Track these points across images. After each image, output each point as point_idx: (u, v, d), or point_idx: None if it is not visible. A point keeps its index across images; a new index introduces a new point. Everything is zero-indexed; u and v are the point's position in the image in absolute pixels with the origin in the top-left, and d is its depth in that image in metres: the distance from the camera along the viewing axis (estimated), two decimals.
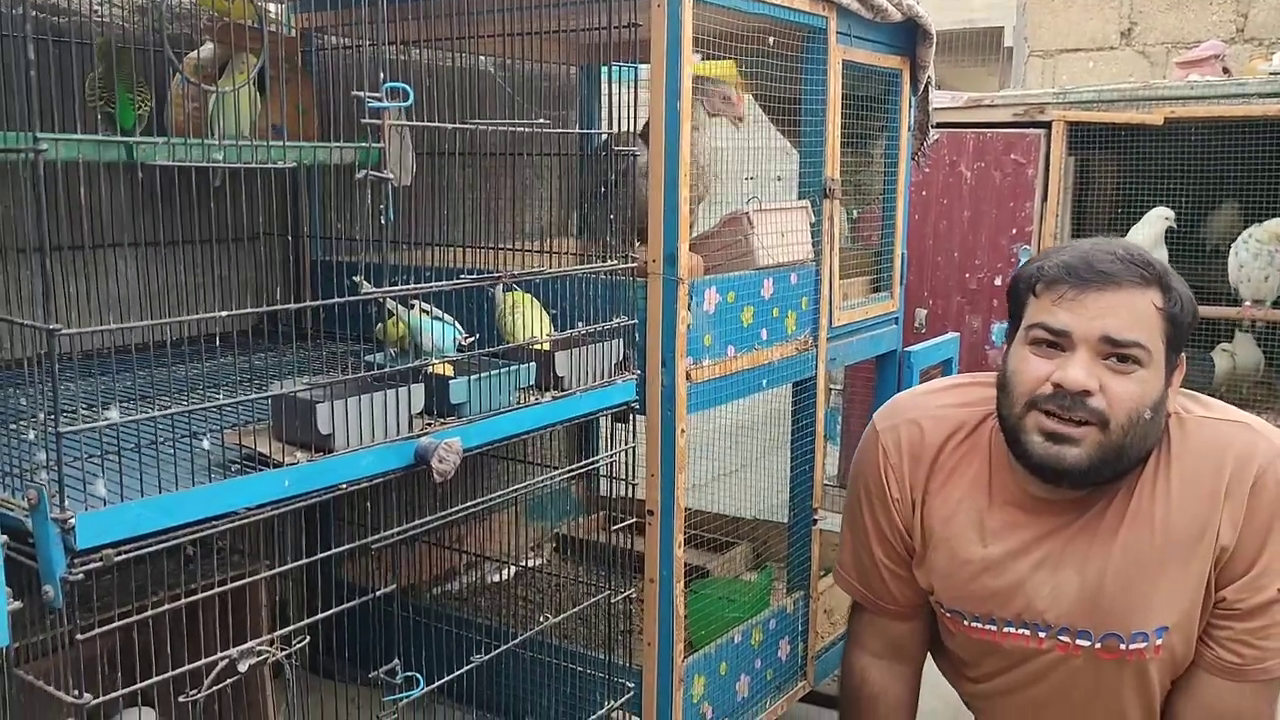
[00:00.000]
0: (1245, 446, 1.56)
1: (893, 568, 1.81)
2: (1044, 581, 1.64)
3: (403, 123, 1.48)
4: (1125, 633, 1.60)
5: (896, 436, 1.77)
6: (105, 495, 1.21)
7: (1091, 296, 1.52)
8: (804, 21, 2.21)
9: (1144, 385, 1.52)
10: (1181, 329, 1.55)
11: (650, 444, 2.00)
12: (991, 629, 1.70)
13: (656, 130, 1.90)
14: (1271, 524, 1.54)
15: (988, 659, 1.76)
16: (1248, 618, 1.56)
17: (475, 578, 2.63)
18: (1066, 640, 1.64)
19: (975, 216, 4.01)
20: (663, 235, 1.92)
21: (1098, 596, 1.61)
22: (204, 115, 1.54)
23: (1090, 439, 1.52)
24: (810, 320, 2.34)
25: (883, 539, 1.81)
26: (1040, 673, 1.70)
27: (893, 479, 1.77)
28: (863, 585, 1.87)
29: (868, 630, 1.91)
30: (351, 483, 1.44)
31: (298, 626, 1.44)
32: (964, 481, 1.72)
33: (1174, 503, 1.58)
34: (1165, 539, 1.58)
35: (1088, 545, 1.62)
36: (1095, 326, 1.51)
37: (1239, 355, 3.84)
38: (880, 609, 1.87)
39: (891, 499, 1.77)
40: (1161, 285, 1.54)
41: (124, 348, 1.79)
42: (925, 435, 1.75)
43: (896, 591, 1.83)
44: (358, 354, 1.65)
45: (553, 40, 2.45)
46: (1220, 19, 5.15)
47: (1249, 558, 1.55)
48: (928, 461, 1.74)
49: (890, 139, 2.67)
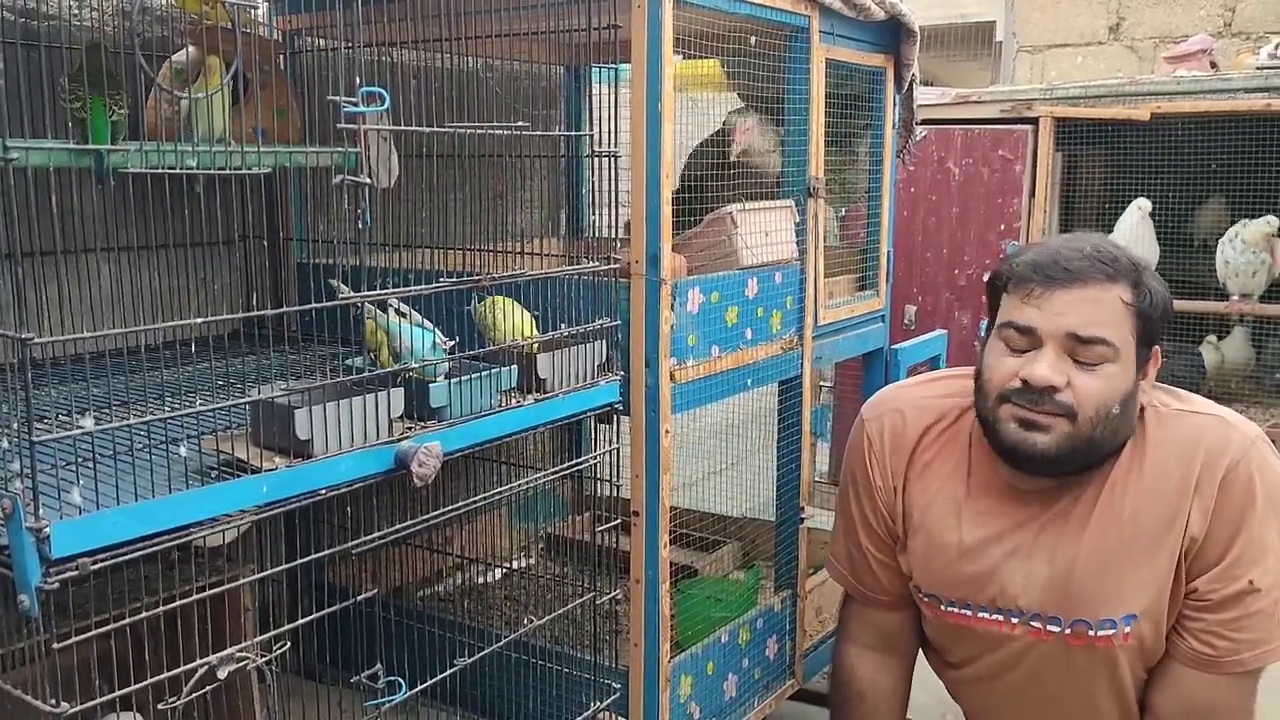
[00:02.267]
0: (1217, 439, 1.58)
1: (880, 557, 1.85)
2: (1017, 568, 1.67)
3: (378, 127, 1.48)
4: (1093, 619, 1.63)
5: (880, 425, 1.82)
6: (81, 503, 1.20)
7: (1057, 294, 1.54)
8: (786, 21, 2.21)
9: (1111, 380, 1.55)
10: (1152, 324, 1.57)
11: (635, 445, 2.00)
12: (966, 614, 1.73)
13: (638, 131, 1.90)
14: (1243, 515, 1.56)
15: (963, 644, 1.79)
16: (1220, 609, 1.58)
17: (463, 580, 2.63)
18: (1038, 626, 1.67)
19: (964, 213, 4.01)
20: (645, 236, 1.92)
21: (1067, 583, 1.63)
22: (178, 120, 1.53)
23: (1059, 428, 1.56)
24: (795, 319, 2.34)
25: (869, 528, 1.84)
26: (1014, 658, 1.72)
27: (876, 467, 1.81)
28: (853, 576, 1.91)
29: (858, 622, 1.94)
30: (331, 488, 1.44)
31: (278, 632, 1.43)
32: (943, 470, 1.76)
33: (1145, 493, 1.60)
34: (1134, 528, 1.60)
35: (1059, 533, 1.65)
36: (1061, 323, 1.54)
37: (1227, 350, 3.85)
38: (870, 599, 1.90)
39: (875, 487, 1.82)
40: (1130, 280, 1.56)
41: (103, 353, 1.79)
42: (907, 424, 1.79)
43: (885, 580, 1.86)
44: (337, 358, 1.65)
45: (535, 41, 2.45)
46: (1208, 13, 5.15)
47: (1220, 548, 1.57)
48: (908, 449, 1.78)
49: (875, 137, 2.67)
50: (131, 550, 1.21)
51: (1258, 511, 1.55)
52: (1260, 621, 1.57)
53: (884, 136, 2.66)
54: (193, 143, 1.37)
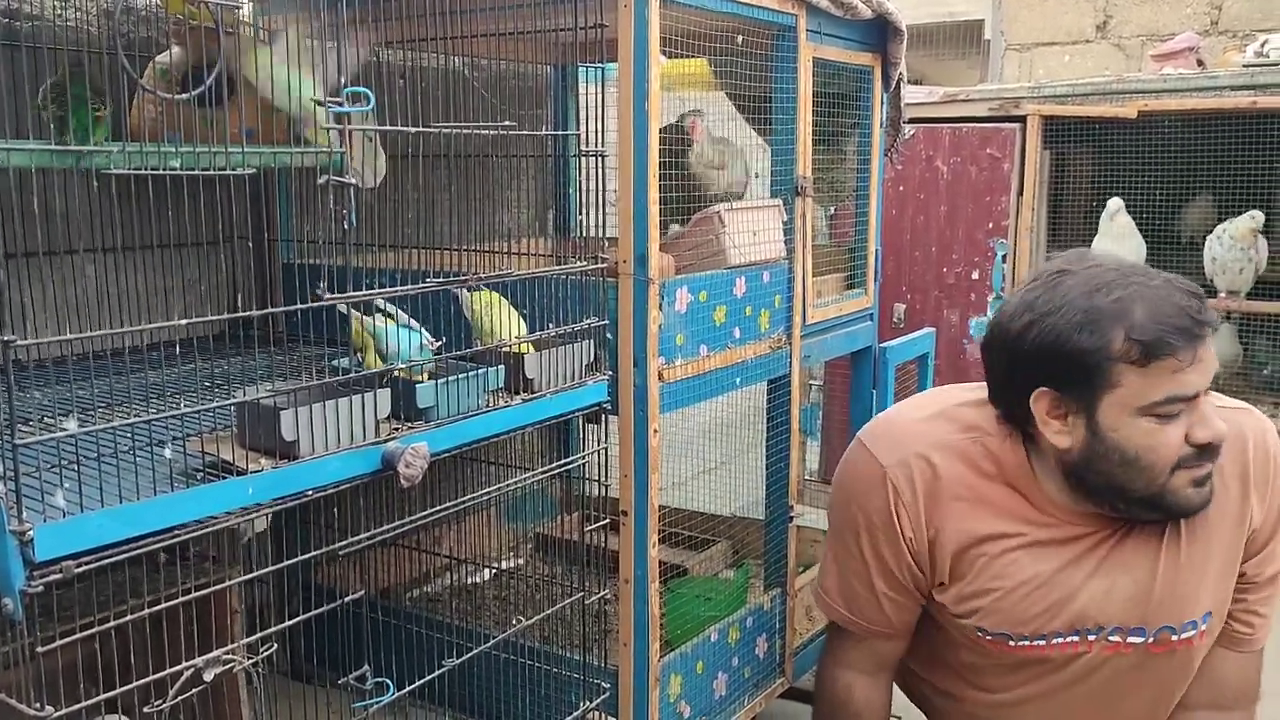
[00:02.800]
0: (1256, 430, 1.64)
1: (895, 597, 1.76)
2: (1096, 587, 1.62)
3: (363, 127, 1.48)
4: (1178, 624, 1.63)
5: (909, 473, 1.69)
6: (65, 506, 1.20)
7: (1204, 351, 1.48)
8: (773, 20, 2.21)
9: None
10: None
11: (623, 445, 2.00)
12: (1040, 644, 1.67)
13: (625, 130, 1.90)
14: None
15: (1020, 672, 1.72)
16: (1260, 588, 1.65)
17: (453, 580, 2.63)
18: (1117, 640, 1.64)
19: (952, 211, 4.02)
20: (633, 235, 1.92)
21: (1150, 593, 1.62)
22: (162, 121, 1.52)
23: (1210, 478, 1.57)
24: (783, 318, 2.34)
25: (888, 573, 1.74)
26: (1078, 676, 1.69)
27: (905, 518, 1.70)
28: (852, 613, 1.81)
29: (854, 650, 1.86)
30: (318, 489, 1.44)
31: (265, 634, 1.43)
32: (989, 511, 1.67)
33: (1215, 494, 1.60)
34: (1207, 528, 1.62)
35: (1135, 545, 1.62)
36: (1209, 374, 1.50)
37: (1216, 346, 3.86)
38: (869, 632, 1.82)
39: (904, 538, 1.71)
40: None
41: (89, 354, 1.78)
42: (938, 470, 1.68)
43: (894, 617, 1.78)
44: (324, 359, 1.64)
45: (522, 41, 2.44)
46: (1194, 11, 5.17)
47: (1268, 533, 1.64)
48: (943, 498, 1.68)
49: (862, 136, 2.68)
50: (117, 553, 1.21)
51: None
52: (1278, 598, 1.67)
53: (872, 135, 2.66)
54: (176, 143, 1.36)
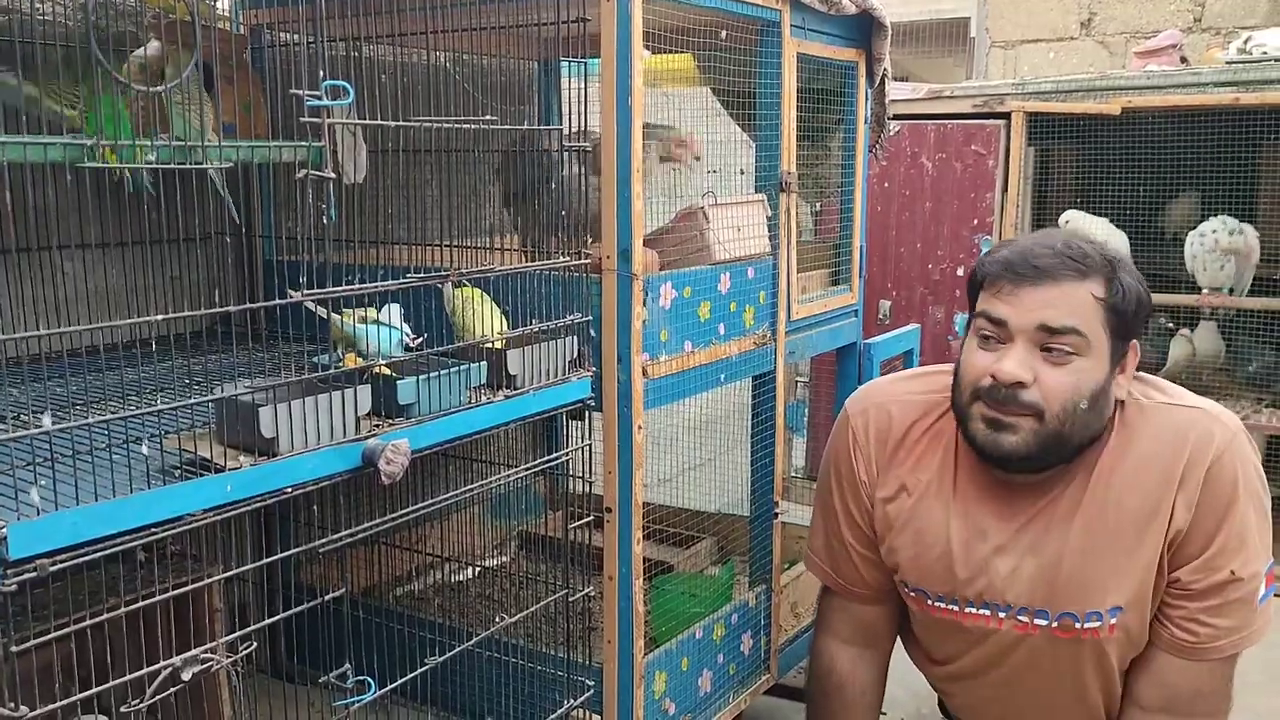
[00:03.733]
0: (1202, 432, 1.60)
1: (862, 550, 1.86)
2: (1004, 563, 1.68)
3: (342, 121, 1.46)
4: (1080, 613, 1.64)
5: (866, 420, 1.83)
6: (40, 504, 1.18)
7: (1027, 290, 1.57)
8: (757, 15, 2.20)
9: (1080, 375, 1.56)
10: (1125, 318, 1.59)
11: (607, 441, 1.99)
12: (953, 609, 1.74)
13: (608, 125, 1.89)
14: (1227, 508, 1.58)
15: (950, 639, 1.80)
16: (1202, 597, 1.60)
17: (436, 578, 2.61)
18: (1025, 620, 1.68)
19: (937, 208, 4.02)
20: (616, 231, 1.91)
21: (1054, 578, 1.65)
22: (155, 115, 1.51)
23: (1026, 427, 1.58)
24: (768, 314, 2.34)
25: (852, 522, 1.85)
26: (1001, 653, 1.73)
27: (861, 462, 1.82)
28: (833, 569, 1.92)
29: (837, 615, 1.94)
30: (297, 486, 1.42)
31: (244, 632, 1.42)
32: (930, 465, 1.77)
33: (1129, 486, 1.62)
34: (1119, 521, 1.62)
35: (1046, 527, 1.66)
36: (1031, 318, 1.56)
37: (1199, 342, 3.87)
38: (850, 593, 1.91)
39: (860, 481, 1.82)
40: (1103, 276, 1.58)
41: (71, 351, 1.76)
42: (893, 420, 1.81)
43: (866, 574, 1.86)
44: (304, 355, 1.63)
45: (505, 35, 2.43)
46: (1178, 9, 5.19)
47: (1203, 540, 1.59)
48: (894, 445, 1.80)
49: (847, 132, 2.67)
50: (92, 551, 1.20)
51: (1239, 505, 1.58)
52: (1239, 609, 1.60)
53: (856, 131, 2.66)
54: (152, 139, 1.35)
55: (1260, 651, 1.73)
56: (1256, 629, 1.62)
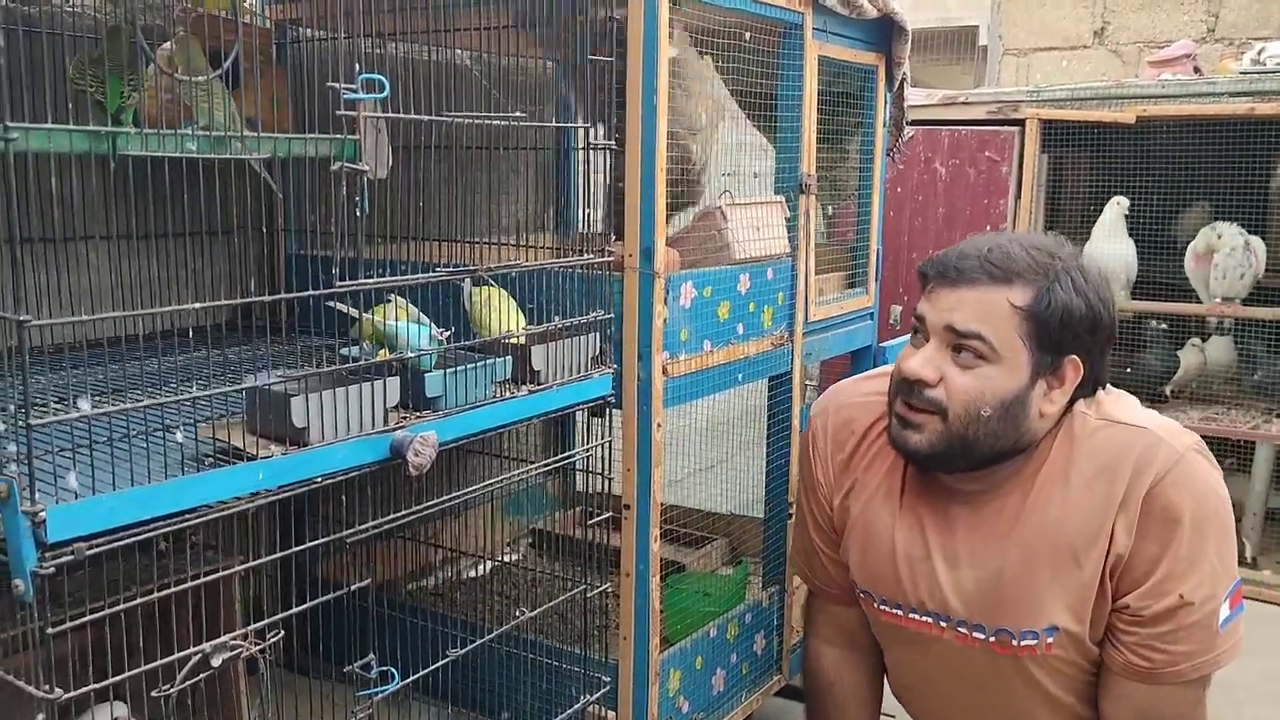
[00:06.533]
0: (1144, 453, 1.55)
1: (829, 552, 1.87)
2: (944, 573, 1.67)
3: (378, 114, 1.48)
4: (1016, 630, 1.62)
5: (825, 422, 1.85)
6: (77, 488, 1.20)
7: (945, 290, 1.58)
8: (780, 17, 2.22)
9: (985, 381, 1.55)
10: (1050, 330, 1.53)
11: (627, 438, 2.00)
12: (898, 613, 1.75)
13: (633, 124, 1.90)
14: (1169, 532, 1.53)
15: (899, 644, 1.81)
16: (1152, 623, 1.56)
17: (451, 573, 2.62)
18: (965, 632, 1.68)
19: (950, 213, 4.03)
20: (639, 229, 1.92)
21: (991, 592, 1.63)
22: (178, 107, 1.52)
23: (931, 426, 1.59)
24: (786, 315, 2.35)
25: (817, 525, 1.88)
26: (945, 662, 1.73)
27: (819, 465, 1.84)
28: (809, 571, 1.95)
29: (819, 617, 1.97)
30: (326, 476, 1.44)
31: (271, 621, 1.43)
32: (882, 468, 1.77)
33: (1070, 505, 1.58)
34: (1058, 540, 1.58)
35: (986, 540, 1.65)
36: (942, 318, 1.57)
37: (1210, 352, 3.88)
38: (826, 594, 1.93)
39: (818, 483, 1.84)
40: (1030, 285, 1.53)
41: (96, 341, 1.77)
42: (851, 422, 1.82)
43: (836, 576, 1.88)
44: (333, 347, 1.64)
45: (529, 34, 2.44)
46: (1191, 19, 5.20)
47: (1146, 566, 1.54)
48: (850, 447, 1.80)
49: (866, 135, 2.68)
50: (127, 536, 1.21)
51: (1184, 527, 1.52)
52: (1195, 633, 1.55)
53: (875, 135, 2.67)
54: (193, 129, 1.36)
55: (1259, 661, 1.68)
56: (1223, 651, 1.57)
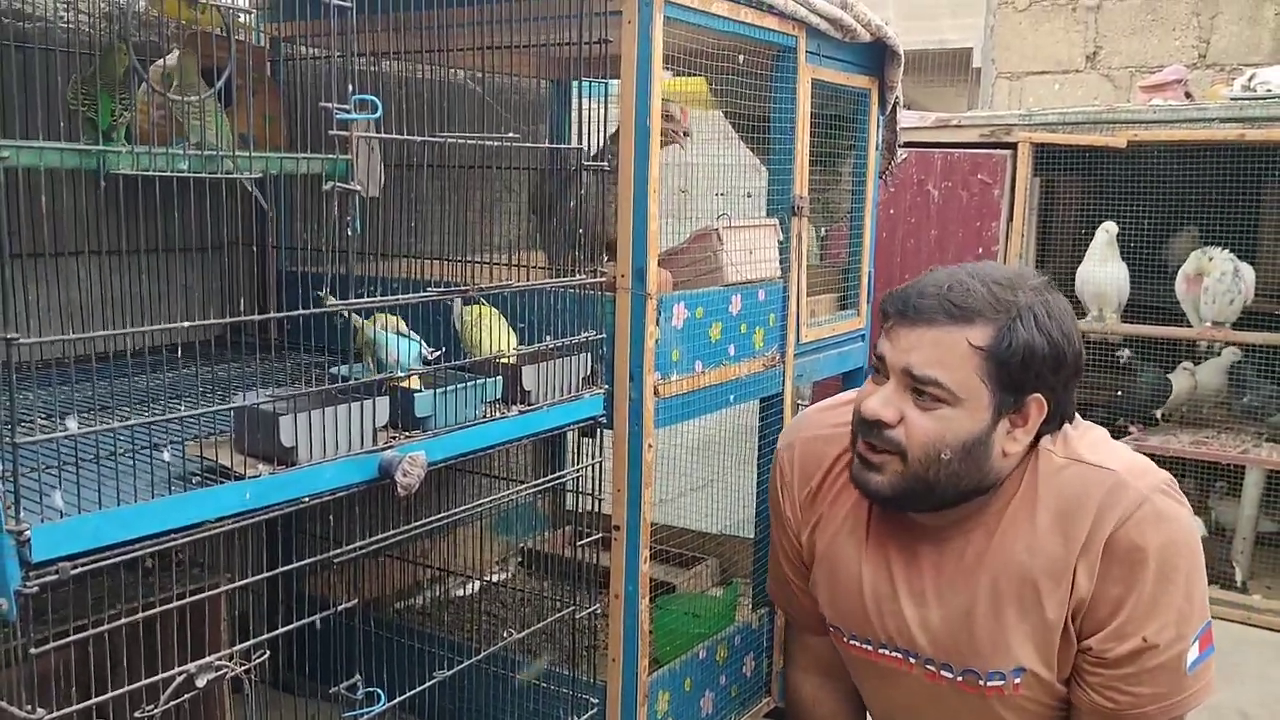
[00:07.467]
0: (1107, 496, 1.52)
1: (799, 583, 1.85)
2: (911, 610, 1.65)
3: (370, 134, 1.48)
4: (982, 671, 1.61)
5: (792, 455, 1.80)
6: (63, 507, 1.19)
7: (904, 330, 1.52)
8: (774, 40, 2.23)
9: (945, 423, 1.50)
10: (1011, 370, 1.49)
11: (617, 459, 2.00)
12: (867, 648, 1.72)
13: (626, 146, 1.91)
14: (1131, 576, 1.51)
15: (870, 678, 1.78)
16: (1116, 665, 1.54)
17: (439, 592, 2.61)
18: (933, 669, 1.66)
19: (942, 235, 4.04)
20: (631, 250, 1.92)
21: (958, 632, 1.61)
22: (170, 124, 1.52)
23: (891, 467, 1.54)
24: (778, 337, 2.35)
25: (787, 557, 1.85)
26: (915, 698, 1.71)
27: (786, 497, 1.80)
28: (784, 601, 1.93)
29: (795, 646, 1.97)
30: (314, 496, 1.43)
31: (257, 641, 1.42)
32: (848, 503, 1.73)
33: (1034, 546, 1.56)
34: (1023, 583, 1.56)
35: (951, 580, 1.62)
36: (900, 359, 1.52)
37: (1201, 376, 3.89)
38: (799, 624, 1.92)
39: (785, 517, 1.80)
40: (991, 324, 1.49)
41: (84, 357, 1.76)
42: (818, 455, 1.76)
43: (809, 607, 1.85)
44: (322, 366, 1.64)
45: (524, 55, 2.45)
46: (1183, 44, 5.23)
47: (1108, 609, 1.52)
48: (817, 480, 1.76)
49: (858, 157, 2.69)
50: (113, 555, 1.20)
51: (1149, 570, 1.50)
52: (1161, 675, 1.53)
53: (867, 157, 2.68)
54: (184, 147, 1.36)
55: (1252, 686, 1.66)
56: (1192, 693, 1.55)
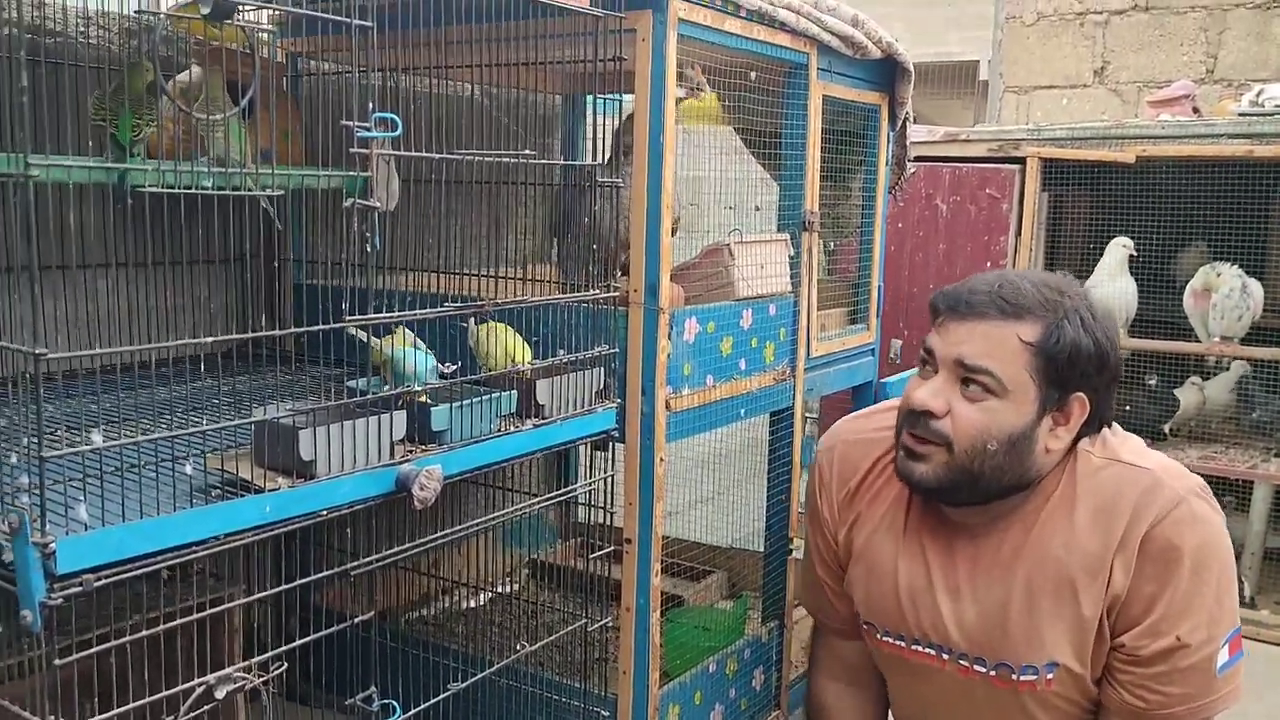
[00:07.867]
0: (1144, 494, 1.55)
1: (834, 586, 1.87)
2: (947, 606, 1.68)
3: (390, 152, 1.50)
4: (1015, 664, 1.63)
5: (831, 458, 1.84)
6: (87, 519, 1.20)
7: (955, 324, 1.58)
8: (786, 57, 2.25)
9: (991, 415, 1.55)
10: (1058, 366, 1.54)
11: (629, 472, 2.01)
12: (900, 644, 1.75)
13: (640, 161, 1.92)
14: (1166, 574, 1.53)
15: (901, 675, 1.81)
16: (1148, 664, 1.56)
17: (450, 604, 2.62)
18: (965, 664, 1.68)
19: (950, 250, 4.06)
20: (644, 265, 1.94)
21: (992, 626, 1.64)
22: (194, 140, 1.54)
23: (937, 458, 1.58)
24: (788, 351, 2.36)
25: (822, 559, 1.87)
26: (946, 693, 1.73)
27: (824, 500, 1.84)
28: (814, 605, 1.95)
29: (823, 651, 1.97)
30: (332, 509, 1.44)
31: (276, 653, 1.43)
32: (887, 500, 1.77)
33: (1071, 543, 1.59)
34: (1060, 579, 1.59)
35: (988, 574, 1.65)
36: (951, 351, 1.57)
37: (1209, 391, 3.89)
38: (829, 628, 1.94)
39: (823, 519, 1.84)
40: (1040, 321, 1.54)
41: (105, 369, 1.78)
42: (856, 457, 1.82)
43: (841, 609, 1.88)
44: (340, 380, 1.65)
45: (538, 71, 2.47)
46: (1190, 59, 5.25)
47: (1143, 606, 1.55)
48: (855, 482, 1.80)
49: (868, 172, 2.71)
50: (135, 567, 1.21)
51: (1184, 569, 1.53)
52: (1192, 676, 1.55)
53: (877, 172, 2.70)
54: (208, 163, 1.38)
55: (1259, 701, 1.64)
56: (1221, 696, 1.57)
